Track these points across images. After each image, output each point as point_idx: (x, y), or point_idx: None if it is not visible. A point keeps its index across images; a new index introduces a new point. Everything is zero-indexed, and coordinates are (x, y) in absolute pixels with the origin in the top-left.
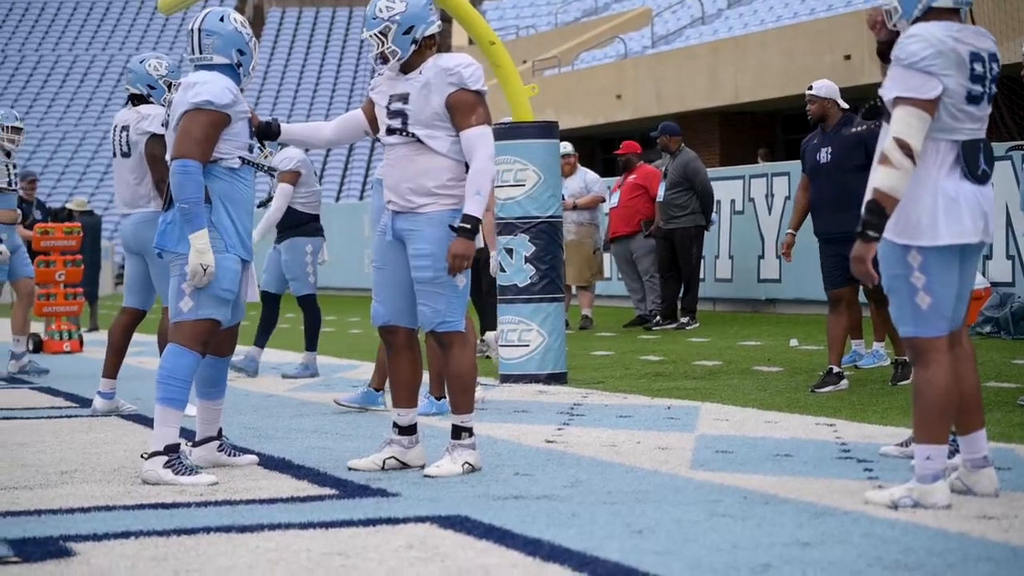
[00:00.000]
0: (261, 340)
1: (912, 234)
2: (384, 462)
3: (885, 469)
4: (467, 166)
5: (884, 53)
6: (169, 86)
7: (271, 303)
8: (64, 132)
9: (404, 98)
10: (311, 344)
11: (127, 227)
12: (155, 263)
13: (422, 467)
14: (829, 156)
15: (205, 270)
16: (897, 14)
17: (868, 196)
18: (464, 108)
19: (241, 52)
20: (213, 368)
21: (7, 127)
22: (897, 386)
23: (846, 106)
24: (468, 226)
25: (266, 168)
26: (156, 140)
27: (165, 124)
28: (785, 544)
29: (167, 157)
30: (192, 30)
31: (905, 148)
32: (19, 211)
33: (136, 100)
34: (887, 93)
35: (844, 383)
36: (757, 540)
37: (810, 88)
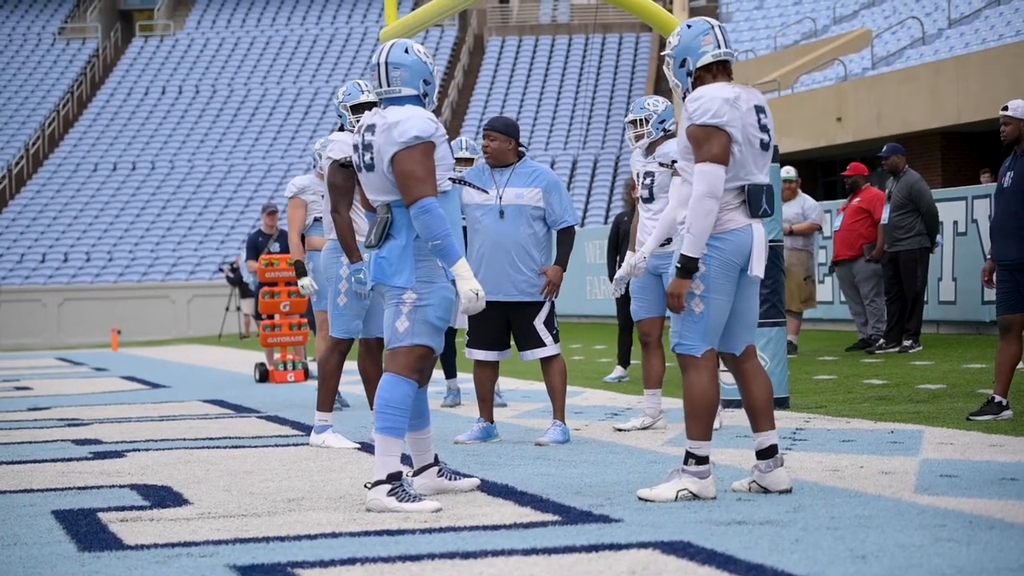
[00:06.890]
0: (450, 371)
1: None
2: (749, 486)
3: None
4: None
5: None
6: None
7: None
8: (271, 163)
9: None
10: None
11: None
12: (329, 290)
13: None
14: (1010, 181)
15: (477, 295)
16: None
17: None
18: (693, 143)
19: (426, 82)
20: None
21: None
22: None
23: None
24: (679, 266)
25: (468, 182)
26: (335, 167)
27: (349, 163)
28: (1011, 569)
29: (366, 198)
30: (378, 64)
31: None
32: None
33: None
34: None
35: (1006, 413)
36: (983, 565)
37: (1005, 108)
